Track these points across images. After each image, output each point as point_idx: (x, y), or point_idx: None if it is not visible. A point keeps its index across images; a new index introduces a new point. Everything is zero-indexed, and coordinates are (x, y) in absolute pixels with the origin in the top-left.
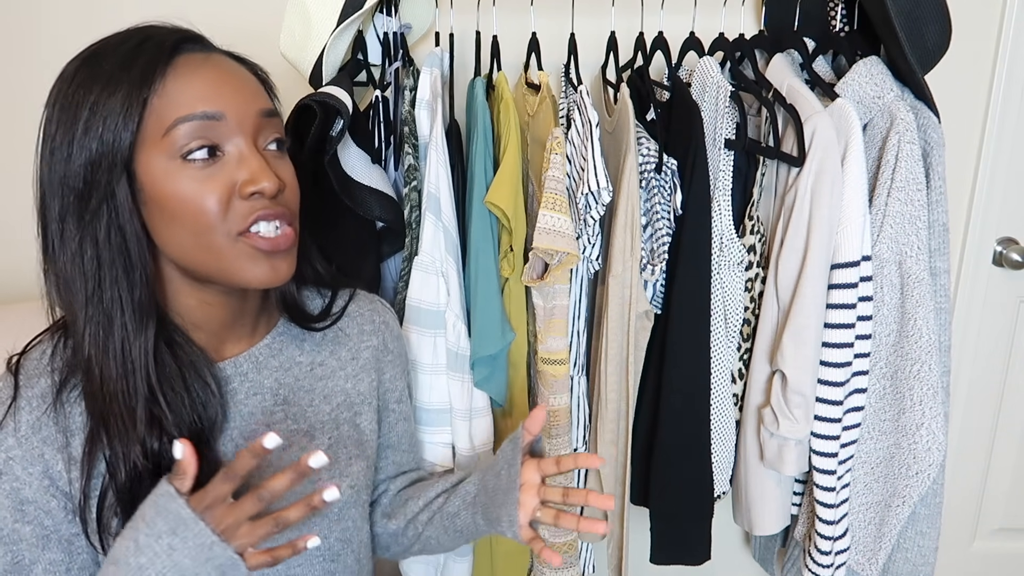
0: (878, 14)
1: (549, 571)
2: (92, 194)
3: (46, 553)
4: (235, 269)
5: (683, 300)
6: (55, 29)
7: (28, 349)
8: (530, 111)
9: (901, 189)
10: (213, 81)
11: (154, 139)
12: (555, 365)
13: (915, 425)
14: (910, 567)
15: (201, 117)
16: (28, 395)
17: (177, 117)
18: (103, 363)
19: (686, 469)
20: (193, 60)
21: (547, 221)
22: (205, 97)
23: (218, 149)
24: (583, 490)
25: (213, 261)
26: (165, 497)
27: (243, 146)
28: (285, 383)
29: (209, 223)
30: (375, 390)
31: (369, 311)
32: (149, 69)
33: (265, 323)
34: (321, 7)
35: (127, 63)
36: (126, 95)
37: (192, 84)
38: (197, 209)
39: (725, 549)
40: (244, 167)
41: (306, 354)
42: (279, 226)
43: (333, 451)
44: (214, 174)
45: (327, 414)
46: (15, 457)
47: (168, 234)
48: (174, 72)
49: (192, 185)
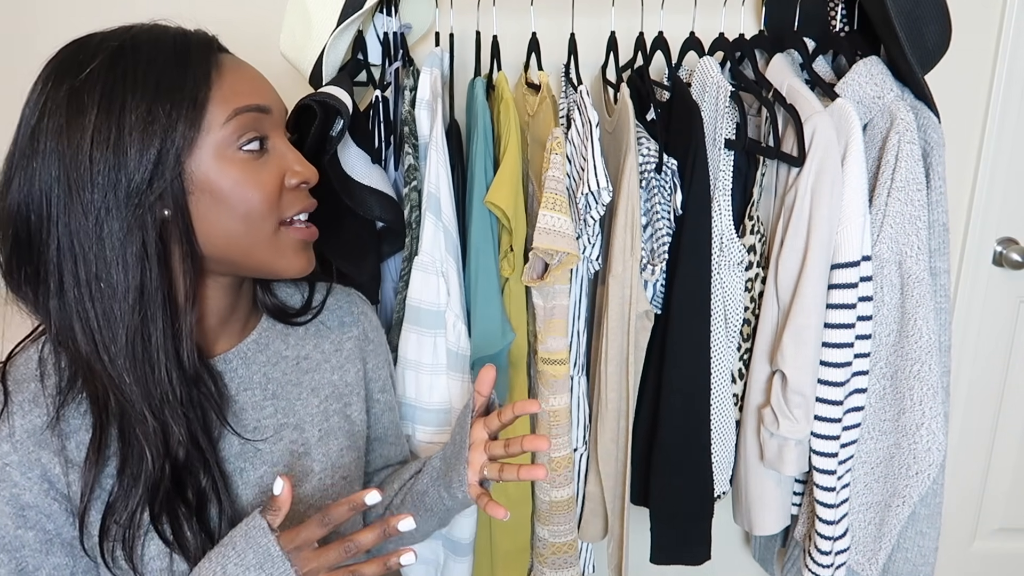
0: (878, 14)
1: (549, 571)
2: (148, 193)
3: (50, 558)
4: (277, 258)
5: (683, 300)
6: (60, 27)
7: (12, 355)
8: (530, 111)
9: (901, 189)
10: (255, 77)
11: (210, 132)
12: (555, 365)
13: (915, 425)
14: (910, 567)
15: (255, 109)
16: (19, 400)
17: (236, 107)
18: (130, 372)
19: (686, 469)
20: (229, 59)
21: (547, 221)
22: (255, 91)
23: (267, 141)
24: (519, 437)
25: (258, 250)
26: (257, 531)
27: (282, 140)
28: (273, 378)
29: (262, 211)
30: (362, 380)
31: (347, 303)
32: (205, 68)
33: (252, 319)
34: (321, 7)
35: (179, 61)
36: (191, 94)
37: (241, 79)
38: (254, 197)
39: (725, 549)
40: (290, 159)
41: (291, 348)
42: (305, 218)
43: (324, 443)
44: (265, 164)
45: (316, 407)
46: (12, 463)
47: (217, 224)
48: (222, 69)
49: (248, 174)
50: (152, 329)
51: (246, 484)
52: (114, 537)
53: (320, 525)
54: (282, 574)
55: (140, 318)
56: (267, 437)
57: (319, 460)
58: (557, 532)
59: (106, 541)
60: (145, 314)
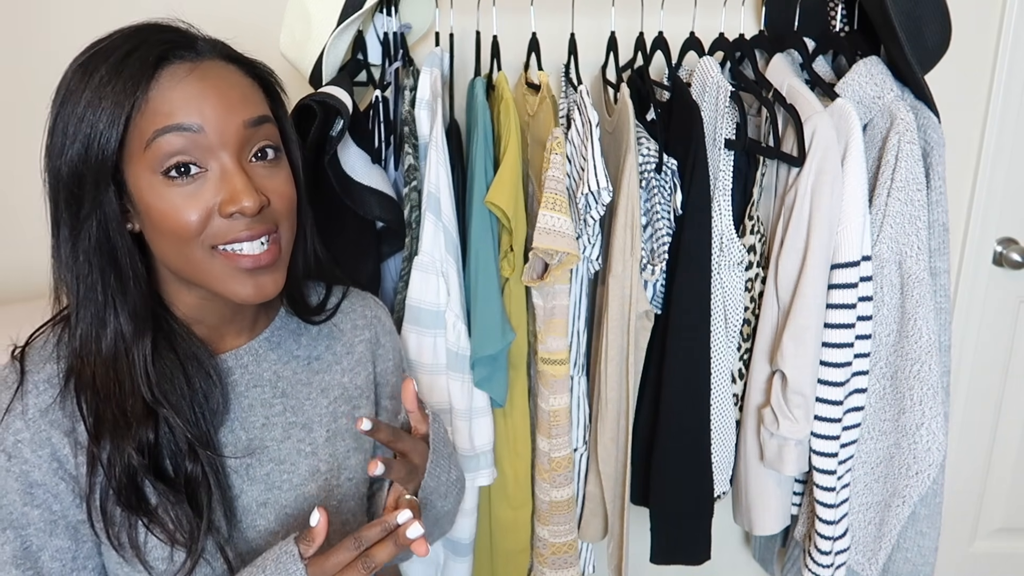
0: (878, 14)
1: (549, 571)
2: (82, 203)
3: (53, 539)
4: (217, 283)
5: (683, 300)
6: (62, 25)
7: (32, 339)
8: (530, 111)
9: (901, 189)
10: (194, 93)
11: (137, 153)
12: (555, 365)
13: (915, 425)
14: (910, 567)
15: (176, 129)
16: (35, 379)
17: (155, 129)
18: (95, 364)
19: (686, 469)
20: (178, 71)
21: (547, 221)
22: (183, 109)
23: (197, 165)
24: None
25: (196, 273)
26: (288, 558)
27: (227, 161)
28: (284, 376)
29: (187, 239)
30: (371, 384)
31: (361, 306)
32: (131, 84)
33: (264, 317)
34: (321, 7)
35: (113, 75)
36: (111, 109)
37: (172, 97)
38: (176, 225)
39: (725, 549)
40: (225, 186)
41: (303, 348)
42: (264, 242)
43: (331, 444)
44: (195, 192)
45: (324, 407)
46: (24, 440)
47: (155, 245)
48: (157, 85)
49: (172, 202)
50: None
51: (252, 480)
52: (119, 522)
53: (351, 548)
54: None
55: (106, 312)
56: (274, 434)
57: (326, 460)
58: (557, 532)
59: (111, 526)
60: (109, 308)
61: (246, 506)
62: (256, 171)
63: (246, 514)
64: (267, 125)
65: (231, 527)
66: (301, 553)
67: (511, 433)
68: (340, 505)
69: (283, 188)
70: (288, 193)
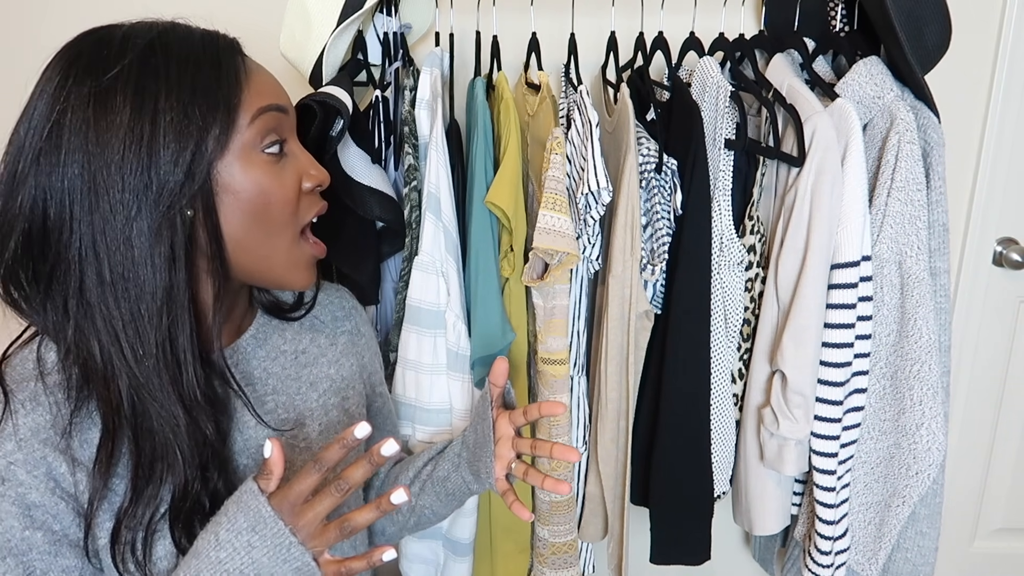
0: (878, 14)
1: (549, 571)
2: (183, 195)
3: (59, 560)
4: (290, 269)
5: (683, 300)
6: (62, 26)
7: (7, 356)
8: (530, 111)
9: (901, 189)
10: (274, 79)
11: (238, 133)
12: (555, 365)
13: (915, 425)
14: (910, 567)
15: (276, 108)
16: (20, 398)
17: (260, 107)
18: (160, 391)
19: (686, 469)
20: (251, 60)
21: (547, 221)
22: (275, 92)
23: (285, 144)
24: (549, 442)
25: (274, 259)
26: (248, 494)
27: (295, 143)
28: (273, 372)
29: (286, 217)
30: (358, 374)
31: (338, 298)
32: (235, 69)
33: (249, 316)
34: (321, 7)
35: (213, 65)
36: (225, 97)
37: (264, 80)
38: (275, 200)
39: (725, 549)
40: (301, 163)
41: (289, 343)
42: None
43: (325, 438)
44: (284, 167)
45: (315, 401)
46: (17, 461)
47: (239, 228)
48: (248, 70)
49: (269, 177)
50: (179, 330)
51: None
52: (125, 541)
53: (311, 472)
54: (275, 534)
55: (168, 319)
56: (288, 429)
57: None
58: (557, 532)
59: (117, 545)
60: (174, 315)
61: None
62: None
63: None
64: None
65: None
66: (261, 488)
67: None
68: None
69: None
70: None
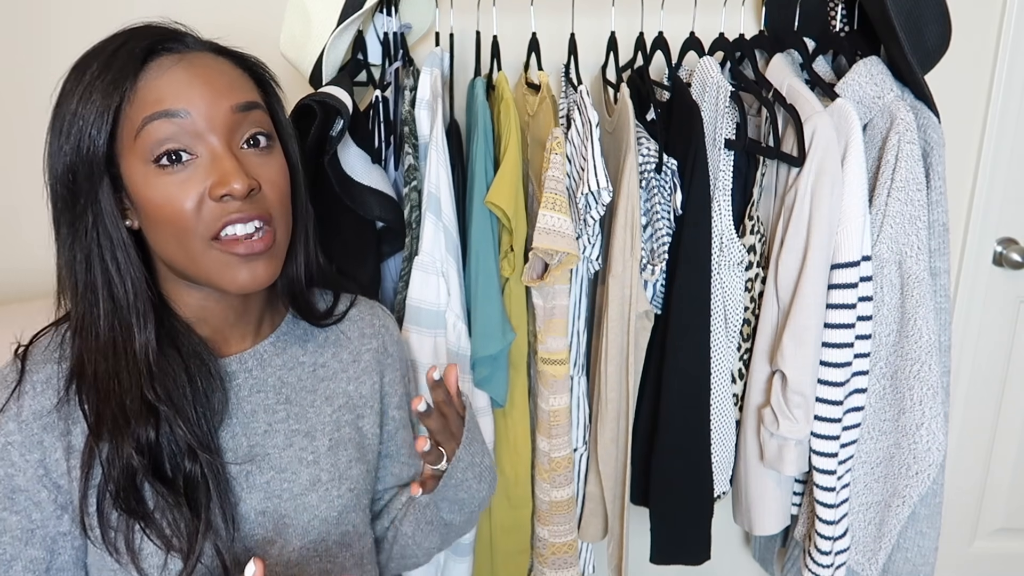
0: (878, 14)
1: (549, 571)
2: (77, 199)
3: (28, 549)
4: (213, 274)
5: (683, 300)
6: (61, 27)
7: (36, 338)
8: (530, 111)
9: (901, 189)
10: (181, 81)
11: (128, 144)
12: (555, 365)
13: (915, 425)
14: (910, 567)
15: (164, 115)
16: (33, 380)
17: (143, 117)
18: (96, 361)
19: (686, 469)
20: (165, 62)
21: (547, 221)
22: (172, 95)
23: (187, 152)
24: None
25: (193, 266)
26: None
27: (216, 146)
28: (288, 382)
29: (185, 227)
30: (377, 393)
31: (369, 315)
32: (120, 76)
33: (269, 321)
34: (321, 7)
35: (103, 70)
36: (100, 103)
37: (159, 85)
38: (171, 214)
39: (725, 549)
40: (215, 169)
41: (309, 354)
42: (258, 226)
43: (333, 453)
44: (187, 178)
45: (328, 415)
46: (14, 443)
47: (155, 239)
48: (144, 76)
49: (166, 190)
50: (113, 320)
51: (251, 488)
52: (116, 526)
53: None
54: None
55: (95, 317)
56: (276, 441)
57: (327, 470)
58: (557, 532)
59: (108, 530)
60: (99, 315)
61: (244, 514)
62: (248, 158)
63: (244, 523)
64: (257, 112)
65: (229, 534)
66: None
67: (511, 433)
68: (340, 516)
69: (275, 176)
70: (280, 183)
